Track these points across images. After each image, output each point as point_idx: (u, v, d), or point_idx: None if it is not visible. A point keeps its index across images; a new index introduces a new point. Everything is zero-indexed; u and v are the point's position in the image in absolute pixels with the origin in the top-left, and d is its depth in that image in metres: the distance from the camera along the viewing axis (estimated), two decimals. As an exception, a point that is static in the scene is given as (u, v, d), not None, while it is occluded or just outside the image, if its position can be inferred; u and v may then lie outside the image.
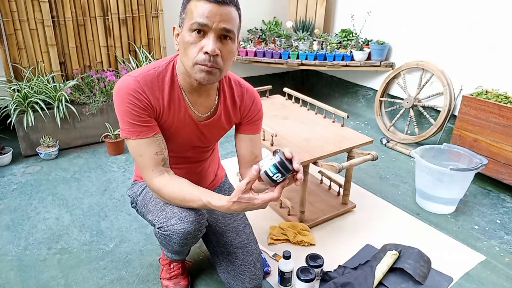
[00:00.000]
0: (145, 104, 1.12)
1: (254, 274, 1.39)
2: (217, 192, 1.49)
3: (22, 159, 2.46)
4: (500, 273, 1.61)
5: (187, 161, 1.36)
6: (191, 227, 1.18)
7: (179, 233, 1.18)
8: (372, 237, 1.78)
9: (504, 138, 2.10)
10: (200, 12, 1.02)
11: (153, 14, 2.85)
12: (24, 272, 1.56)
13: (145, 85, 1.13)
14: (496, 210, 2.05)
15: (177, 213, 1.19)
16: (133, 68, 2.75)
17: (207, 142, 1.35)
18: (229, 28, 1.05)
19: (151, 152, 1.15)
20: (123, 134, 1.15)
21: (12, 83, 2.44)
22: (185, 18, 1.07)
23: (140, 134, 1.13)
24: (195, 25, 1.03)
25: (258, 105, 1.35)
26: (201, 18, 1.02)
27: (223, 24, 1.03)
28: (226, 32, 1.05)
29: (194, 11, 1.03)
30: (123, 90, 1.11)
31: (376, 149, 2.71)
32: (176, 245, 1.24)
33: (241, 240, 1.41)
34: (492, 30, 2.40)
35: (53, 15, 2.53)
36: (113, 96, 1.14)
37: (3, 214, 1.92)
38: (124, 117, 1.12)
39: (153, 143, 1.15)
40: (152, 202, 1.29)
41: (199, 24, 1.02)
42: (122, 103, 1.11)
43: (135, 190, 1.43)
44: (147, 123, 1.14)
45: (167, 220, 1.20)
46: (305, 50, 3.15)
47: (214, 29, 1.03)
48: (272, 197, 1.02)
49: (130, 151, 1.18)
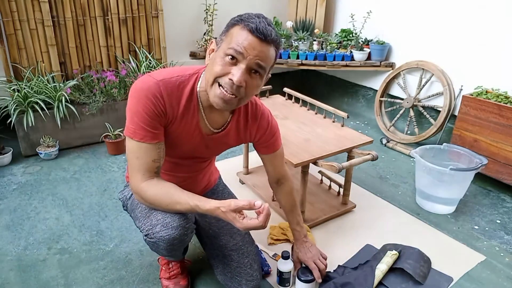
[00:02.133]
0: (160, 110, 1.11)
1: (251, 275, 1.38)
2: (210, 195, 1.50)
3: (22, 159, 2.46)
4: (500, 273, 1.61)
5: (183, 169, 1.35)
6: (176, 233, 1.17)
7: (164, 240, 1.18)
8: (372, 237, 1.78)
9: (504, 138, 2.10)
10: (240, 41, 1.02)
11: (153, 14, 2.85)
12: (24, 272, 1.56)
13: (165, 90, 1.11)
14: (496, 210, 2.05)
15: (160, 220, 1.18)
16: (133, 68, 2.75)
17: (208, 155, 1.36)
18: (262, 65, 1.06)
19: (148, 158, 1.13)
20: (127, 132, 1.13)
21: (12, 83, 2.44)
22: (224, 40, 1.06)
23: (144, 138, 1.11)
24: (231, 51, 1.03)
25: (273, 129, 1.37)
26: (239, 47, 1.02)
27: (258, 60, 1.04)
28: (257, 67, 1.06)
29: (235, 37, 1.03)
30: (143, 91, 1.09)
31: (376, 149, 2.71)
32: (164, 250, 1.23)
33: (236, 242, 1.41)
34: (492, 30, 2.40)
35: (53, 15, 2.53)
36: (130, 92, 1.12)
37: (3, 214, 1.92)
38: (134, 117, 1.10)
39: (154, 150, 1.14)
40: (139, 209, 1.28)
41: (235, 51, 1.03)
42: (137, 103, 1.10)
43: (126, 194, 1.42)
44: (155, 129, 1.12)
45: (152, 227, 1.18)
46: (305, 50, 3.15)
47: (247, 60, 1.03)
48: (255, 225, 1.06)
49: (128, 149, 1.16)
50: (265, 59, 1.05)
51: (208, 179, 1.53)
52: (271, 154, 1.41)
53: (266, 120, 1.34)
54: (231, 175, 2.24)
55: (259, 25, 1.02)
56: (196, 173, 1.42)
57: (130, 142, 1.14)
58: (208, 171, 1.51)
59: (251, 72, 1.06)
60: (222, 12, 3.14)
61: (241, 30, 1.04)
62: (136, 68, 2.77)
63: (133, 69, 2.76)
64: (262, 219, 1.05)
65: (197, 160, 1.36)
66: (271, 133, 1.37)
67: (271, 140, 1.37)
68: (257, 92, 1.14)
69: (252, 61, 1.04)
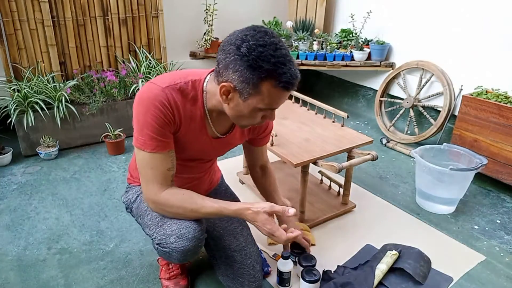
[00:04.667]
0: (169, 118, 1.09)
1: (253, 276, 1.38)
2: (212, 194, 1.51)
3: (22, 159, 2.46)
4: (500, 273, 1.61)
5: (187, 170, 1.35)
6: (190, 244, 1.17)
7: (178, 251, 1.17)
8: (372, 237, 1.78)
9: (504, 138, 2.10)
10: (276, 100, 1.05)
11: (153, 14, 2.85)
12: (24, 272, 1.56)
13: (171, 97, 1.09)
14: (496, 210, 2.05)
15: (175, 230, 1.17)
16: (133, 68, 2.75)
17: (213, 156, 1.37)
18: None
19: (163, 168, 1.12)
20: (137, 144, 1.11)
21: (12, 83, 2.45)
22: (254, 95, 1.03)
23: (155, 148, 1.10)
24: (267, 111, 1.08)
25: (271, 125, 1.42)
26: (275, 105, 1.06)
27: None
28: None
29: (269, 96, 1.03)
30: (150, 100, 1.07)
31: (376, 149, 2.71)
32: (176, 260, 1.23)
33: (239, 243, 1.41)
34: (492, 30, 2.40)
35: (53, 15, 2.53)
36: (136, 103, 1.09)
37: (3, 214, 1.92)
38: (144, 128, 1.08)
39: (167, 158, 1.13)
40: (149, 216, 1.27)
41: (272, 108, 1.07)
42: (145, 114, 1.07)
43: (130, 197, 1.40)
44: (166, 138, 1.11)
45: (166, 237, 1.17)
46: (305, 50, 3.15)
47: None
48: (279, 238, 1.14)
49: (139, 161, 1.13)
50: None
51: (211, 178, 1.53)
52: (262, 146, 1.46)
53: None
54: (231, 175, 2.24)
55: (293, 80, 1.01)
56: (202, 174, 1.42)
57: (141, 153, 1.12)
58: (212, 170, 1.51)
59: None
60: (222, 12, 3.15)
61: (274, 89, 1.01)
62: (136, 68, 2.77)
63: (133, 69, 2.76)
64: (289, 237, 1.12)
65: (202, 161, 1.36)
66: (270, 127, 1.43)
67: (267, 130, 1.42)
68: None
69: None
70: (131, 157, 2.47)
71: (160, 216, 1.22)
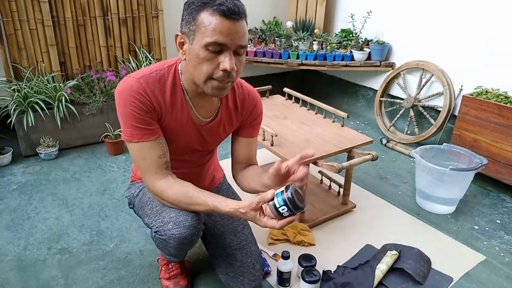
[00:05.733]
0: (148, 106, 1.11)
1: (254, 275, 1.38)
2: (215, 192, 1.49)
3: (22, 159, 2.46)
4: (500, 273, 1.61)
5: (185, 164, 1.35)
6: (187, 232, 1.18)
7: (175, 238, 1.18)
8: (372, 237, 1.78)
9: (504, 138, 2.10)
10: (218, 30, 0.99)
11: (153, 14, 2.85)
12: (24, 272, 1.56)
13: (147, 87, 1.11)
14: (496, 210, 2.05)
15: (173, 218, 1.18)
16: (133, 68, 2.75)
17: (207, 146, 1.35)
18: (244, 44, 1.05)
19: (154, 155, 1.14)
20: (124, 137, 1.14)
21: (12, 83, 2.44)
22: (196, 31, 1.01)
23: (142, 137, 1.12)
24: (213, 45, 1.00)
25: (259, 109, 1.35)
26: (220, 38, 0.99)
27: (240, 41, 1.03)
28: (241, 49, 1.05)
29: (208, 27, 0.99)
30: (126, 92, 1.10)
31: (376, 149, 2.71)
32: (173, 249, 1.24)
33: (240, 242, 1.41)
34: (492, 30, 2.40)
35: (53, 15, 2.53)
36: (116, 98, 1.12)
37: (3, 214, 1.92)
38: (127, 119, 1.11)
39: (156, 146, 1.14)
40: (149, 206, 1.29)
41: (217, 44, 1.00)
42: (125, 105, 1.10)
43: (133, 192, 1.43)
44: (150, 126, 1.13)
45: (163, 224, 1.19)
46: (305, 50, 3.15)
47: (231, 47, 1.02)
48: (273, 226, 1.03)
49: (132, 154, 1.16)
50: (244, 37, 1.04)
51: (212, 174, 1.53)
52: (250, 138, 1.36)
53: (254, 98, 1.32)
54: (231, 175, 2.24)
55: (228, 4, 0.98)
56: (199, 168, 1.42)
57: (131, 145, 1.14)
58: (211, 165, 1.50)
59: (235, 53, 1.05)
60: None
61: (211, 16, 0.99)
62: (136, 68, 2.77)
63: (133, 69, 2.76)
64: (281, 223, 1.02)
65: (197, 153, 1.36)
66: (258, 112, 1.34)
67: (258, 119, 1.35)
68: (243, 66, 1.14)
69: (235, 45, 1.03)
70: (131, 157, 2.48)
71: (159, 205, 1.24)
